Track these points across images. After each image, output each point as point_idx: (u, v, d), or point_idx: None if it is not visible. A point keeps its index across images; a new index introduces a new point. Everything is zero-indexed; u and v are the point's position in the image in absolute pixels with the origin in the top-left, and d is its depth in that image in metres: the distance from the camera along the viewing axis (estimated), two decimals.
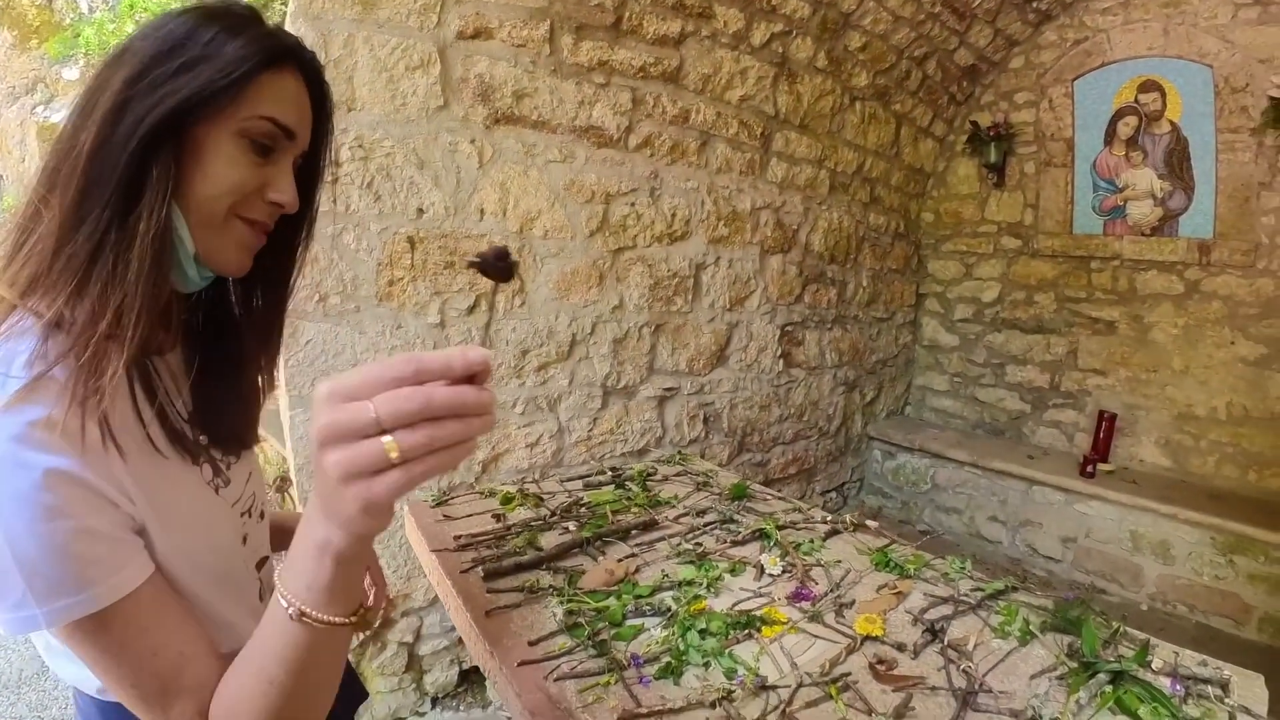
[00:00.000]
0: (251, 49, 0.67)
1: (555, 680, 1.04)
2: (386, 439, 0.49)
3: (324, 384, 0.51)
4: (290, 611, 0.57)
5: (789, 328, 3.68)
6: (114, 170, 0.63)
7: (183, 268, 0.71)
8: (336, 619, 0.58)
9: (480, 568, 1.36)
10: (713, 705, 0.98)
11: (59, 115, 6.48)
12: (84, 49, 6.51)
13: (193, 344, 0.82)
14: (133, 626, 0.64)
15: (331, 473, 0.50)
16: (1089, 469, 3.76)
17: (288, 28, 1.41)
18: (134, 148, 0.63)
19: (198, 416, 0.79)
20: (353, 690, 1.13)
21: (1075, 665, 1.14)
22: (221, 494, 0.80)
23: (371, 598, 1.06)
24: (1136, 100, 3.80)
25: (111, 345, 0.63)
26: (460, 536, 1.51)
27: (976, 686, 1.08)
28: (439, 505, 1.71)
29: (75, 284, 0.63)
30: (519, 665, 1.07)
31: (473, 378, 0.52)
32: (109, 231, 0.64)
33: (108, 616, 0.61)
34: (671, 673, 1.06)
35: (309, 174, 0.81)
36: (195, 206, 0.68)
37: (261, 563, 0.90)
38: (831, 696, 1.03)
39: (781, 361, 3.66)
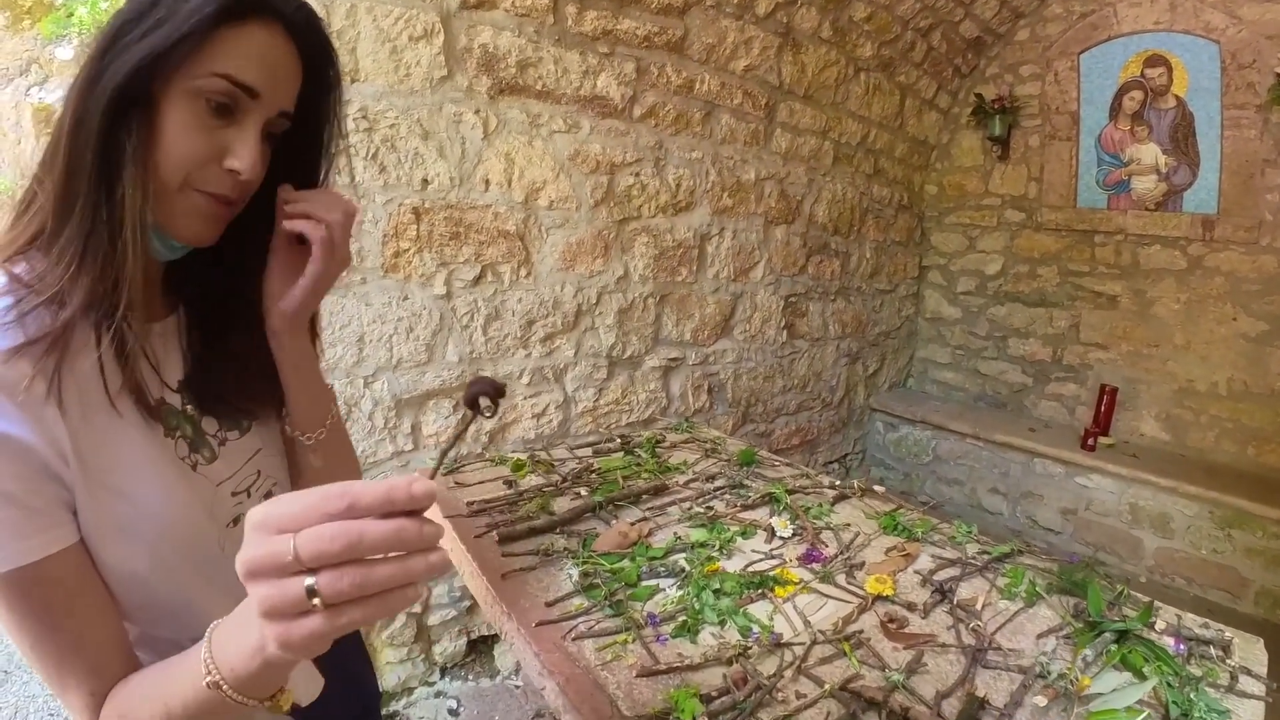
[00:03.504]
0: (215, 2, 0.62)
1: (573, 639, 1.06)
2: (309, 581, 0.45)
3: (257, 509, 0.48)
4: (207, 680, 0.56)
5: (793, 299, 3.68)
6: (88, 146, 0.62)
7: (150, 238, 0.67)
8: (249, 701, 0.57)
9: (494, 532, 1.37)
10: (729, 661, 1.00)
11: (54, 97, 6.42)
12: (78, 28, 6.41)
13: (193, 311, 0.79)
14: (34, 598, 0.62)
15: (253, 606, 0.48)
16: (1090, 442, 3.78)
17: None
18: (102, 120, 0.61)
19: (188, 385, 0.77)
20: (364, 687, 1.13)
21: (1081, 625, 1.16)
22: (201, 470, 0.76)
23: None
24: (1142, 74, 3.78)
25: (77, 303, 0.62)
26: (473, 503, 1.53)
27: (986, 644, 1.10)
28: (450, 473, 1.73)
29: (77, 263, 0.62)
30: (537, 625, 1.08)
31: (414, 511, 0.48)
32: (99, 208, 0.63)
33: (11, 580, 0.60)
34: (688, 631, 1.08)
35: (308, 141, 0.78)
36: (153, 176, 0.64)
37: None
38: (845, 653, 1.05)
39: (785, 333, 3.67)
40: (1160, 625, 1.17)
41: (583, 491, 1.61)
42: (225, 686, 0.55)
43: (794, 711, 0.91)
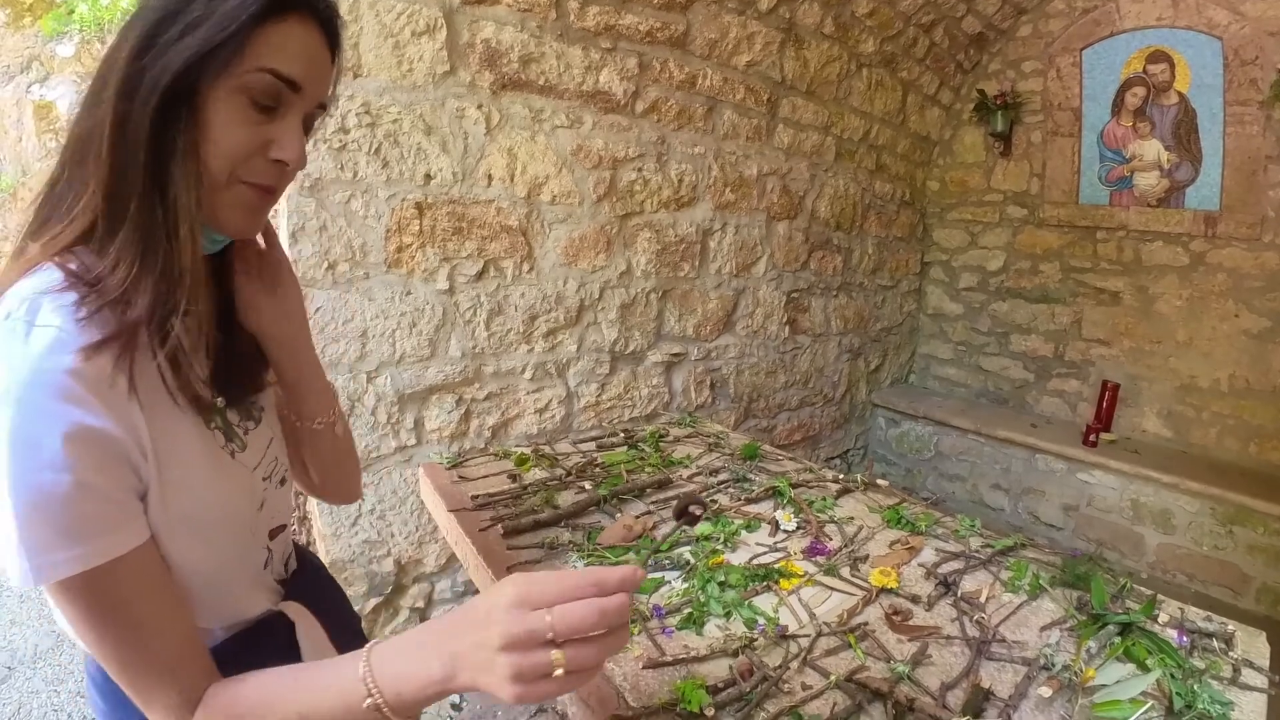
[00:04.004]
0: (259, 3, 0.64)
1: None
2: (556, 654, 0.57)
3: (513, 587, 0.59)
4: (367, 702, 0.62)
5: (795, 294, 3.68)
6: (139, 146, 0.62)
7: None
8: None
9: (499, 526, 1.38)
10: (735, 653, 1.01)
11: (55, 94, 6.41)
12: (79, 25, 6.41)
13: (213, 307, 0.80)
14: (120, 594, 0.62)
15: (501, 671, 0.57)
16: (1091, 438, 3.79)
17: None
18: (152, 121, 0.62)
19: (214, 379, 0.78)
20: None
21: (1084, 618, 1.16)
22: (238, 458, 0.79)
23: None
24: (1145, 71, 3.78)
25: (144, 303, 0.63)
26: (477, 496, 1.53)
27: (990, 636, 1.10)
28: (454, 467, 1.73)
29: (139, 264, 0.63)
30: None
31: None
32: (154, 208, 0.64)
33: (96, 578, 0.60)
34: (694, 623, 1.08)
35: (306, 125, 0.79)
36: (202, 172, 0.66)
37: (276, 531, 0.89)
38: (850, 645, 1.05)
39: (787, 328, 3.67)
40: (1163, 618, 1.18)
41: (587, 485, 1.61)
42: (385, 709, 0.62)
43: (800, 702, 0.92)
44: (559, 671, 0.57)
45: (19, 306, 0.59)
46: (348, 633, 0.99)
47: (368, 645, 0.65)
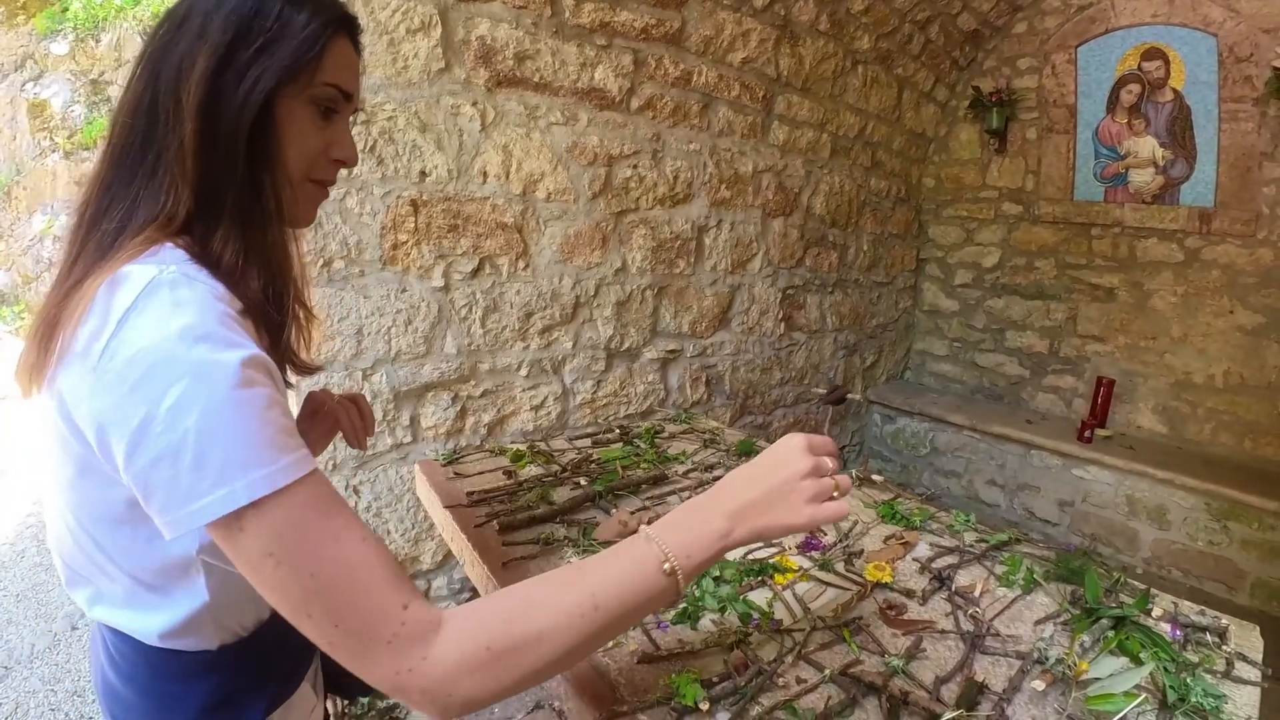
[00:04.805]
0: (318, 21, 0.72)
1: None
2: (834, 480, 0.81)
3: (798, 438, 0.82)
4: (666, 566, 0.71)
5: (790, 291, 3.69)
6: (235, 155, 0.69)
7: None
8: (684, 588, 0.73)
9: (495, 522, 1.38)
10: (730, 647, 1.01)
11: (49, 91, 6.39)
12: (73, 23, 6.39)
13: None
14: (321, 506, 0.62)
15: (802, 494, 0.78)
16: (1087, 434, 3.80)
17: None
18: (244, 140, 0.69)
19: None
20: None
21: (1078, 612, 1.17)
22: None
23: None
24: (1140, 68, 3.78)
25: (255, 286, 0.73)
26: (473, 493, 1.53)
27: (984, 630, 1.10)
28: (449, 464, 1.73)
29: (244, 258, 0.71)
30: None
31: None
32: (251, 209, 0.72)
33: (300, 489, 0.61)
34: (688, 618, 1.08)
35: None
36: (285, 174, 0.75)
37: None
38: (845, 639, 1.05)
39: (783, 325, 3.67)
40: (1157, 612, 1.18)
41: (582, 481, 1.61)
42: (680, 573, 0.71)
43: (795, 696, 0.92)
44: (837, 494, 0.81)
45: (166, 267, 0.63)
46: None
47: (640, 531, 0.75)
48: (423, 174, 2.19)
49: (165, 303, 0.60)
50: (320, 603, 0.60)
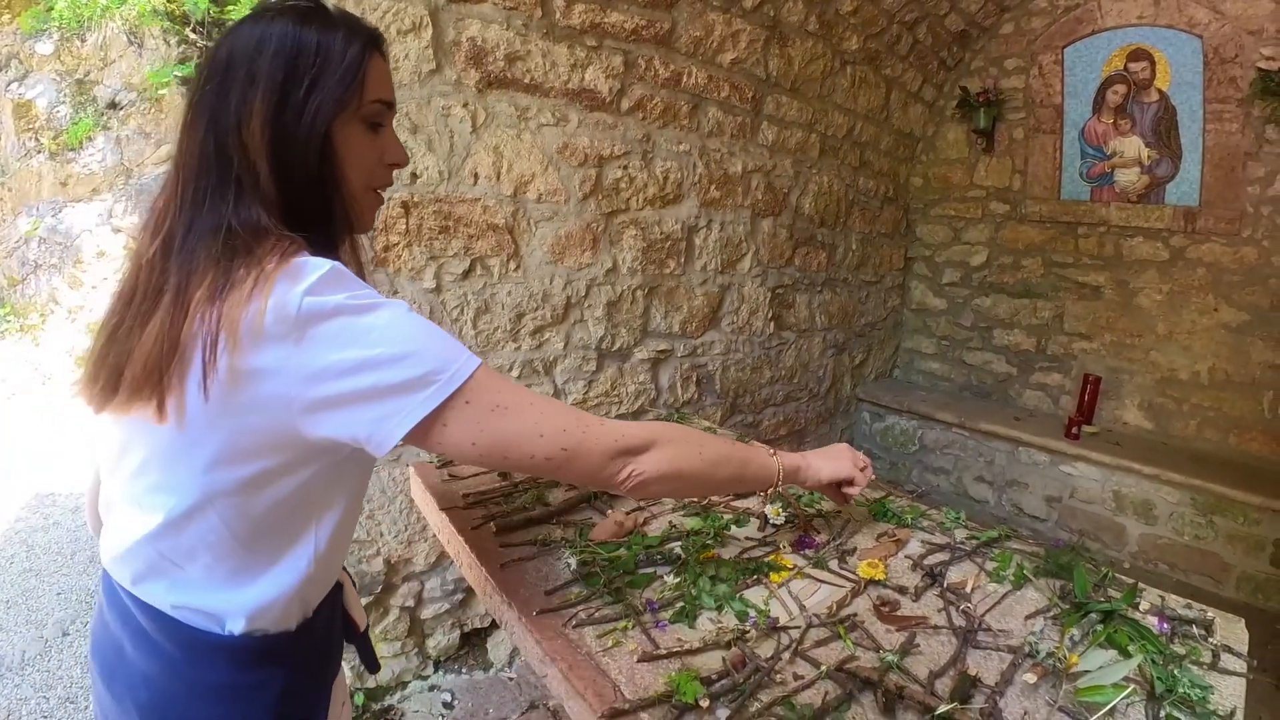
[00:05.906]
0: (355, 47, 0.79)
1: (574, 627, 1.07)
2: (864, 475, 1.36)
3: (847, 449, 1.38)
4: (774, 461, 1.18)
5: (780, 290, 3.70)
6: (308, 181, 0.78)
7: None
8: (777, 480, 1.18)
9: (491, 523, 1.38)
10: (728, 645, 1.02)
11: (34, 92, 6.31)
12: (58, 23, 6.32)
13: None
14: (508, 379, 0.85)
15: (849, 460, 1.35)
16: (1074, 431, 3.84)
17: None
18: (314, 169, 0.78)
19: None
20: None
21: (1068, 606, 1.19)
22: None
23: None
24: (1126, 68, 3.82)
25: None
26: (469, 495, 1.54)
27: (976, 625, 1.12)
28: (444, 466, 1.73)
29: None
30: (538, 614, 1.10)
31: None
32: (329, 223, 0.82)
33: (492, 370, 0.82)
34: (686, 616, 1.09)
35: None
36: (349, 187, 0.83)
37: None
38: (840, 635, 1.07)
39: (772, 324, 3.69)
40: (1144, 606, 1.20)
41: None
42: (780, 471, 1.18)
43: (792, 692, 0.93)
44: (865, 467, 1.36)
45: (317, 263, 0.72)
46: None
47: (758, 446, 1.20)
48: (413, 175, 2.19)
49: (345, 276, 0.73)
50: (551, 438, 0.84)
